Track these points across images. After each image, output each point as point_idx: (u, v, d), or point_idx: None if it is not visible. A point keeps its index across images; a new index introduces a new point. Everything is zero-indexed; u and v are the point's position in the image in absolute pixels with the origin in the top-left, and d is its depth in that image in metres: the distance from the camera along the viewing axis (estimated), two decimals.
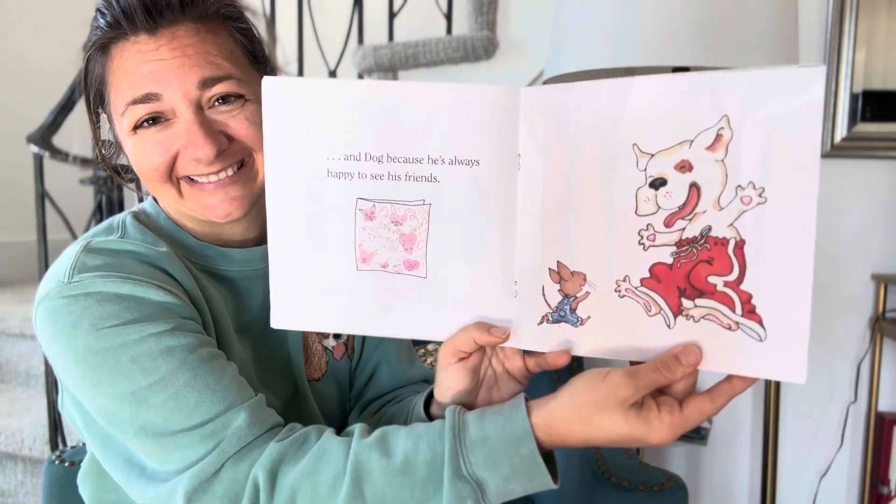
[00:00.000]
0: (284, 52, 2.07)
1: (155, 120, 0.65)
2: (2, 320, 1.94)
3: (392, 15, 1.95)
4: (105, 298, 0.61)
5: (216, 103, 0.66)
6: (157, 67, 0.64)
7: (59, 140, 1.72)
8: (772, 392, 1.56)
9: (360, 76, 1.95)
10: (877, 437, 1.72)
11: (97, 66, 0.68)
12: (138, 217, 0.72)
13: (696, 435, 1.57)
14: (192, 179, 0.67)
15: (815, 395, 1.77)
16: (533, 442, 0.55)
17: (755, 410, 1.81)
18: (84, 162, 1.71)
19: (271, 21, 2.01)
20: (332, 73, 2.00)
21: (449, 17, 1.91)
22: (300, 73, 2.01)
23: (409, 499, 0.56)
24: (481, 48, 1.75)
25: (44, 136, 1.69)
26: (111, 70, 0.66)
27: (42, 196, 1.75)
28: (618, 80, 0.52)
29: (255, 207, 0.72)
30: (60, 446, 1.65)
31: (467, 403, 0.63)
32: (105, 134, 0.73)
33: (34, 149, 1.68)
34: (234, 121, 0.67)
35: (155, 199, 0.75)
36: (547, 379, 1.48)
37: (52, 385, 1.69)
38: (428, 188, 0.57)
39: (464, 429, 0.57)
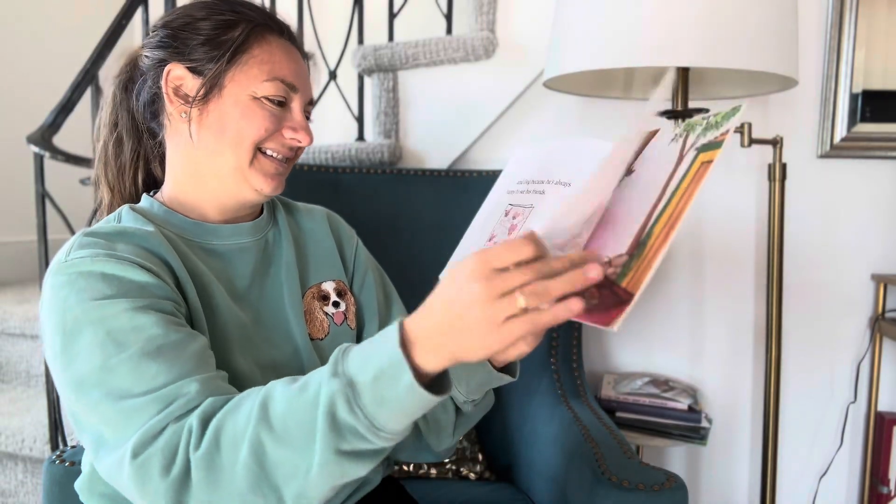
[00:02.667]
0: None
1: (280, 103, 0.83)
2: (2, 320, 1.94)
3: (392, 15, 1.95)
4: (92, 276, 0.71)
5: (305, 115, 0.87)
6: (299, 69, 0.85)
7: (59, 140, 1.72)
8: (771, 392, 1.56)
9: (361, 76, 1.95)
10: (876, 436, 1.72)
11: (243, 34, 0.81)
12: (134, 208, 0.84)
13: (696, 435, 1.57)
14: (264, 152, 0.83)
15: (814, 394, 1.78)
16: (396, 341, 0.57)
17: (755, 410, 1.81)
18: (83, 161, 1.71)
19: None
20: (333, 73, 2.00)
21: (449, 17, 1.91)
22: None
23: (304, 413, 0.60)
24: (481, 48, 1.75)
25: (44, 136, 1.69)
26: (262, 49, 0.82)
27: (42, 196, 1.75)
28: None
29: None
30: (60, 446, 1.65)
31: None
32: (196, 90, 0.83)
33: (34, 149, 1.68)
34: (312, 136, 0.86)
35: (149, 196, 0.87)
36: (547, 377, 1.48)
37: (52, 385, 1.69)
38: (535, 198, 0.76)
39: (347, 347, 0.63)
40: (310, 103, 0.88)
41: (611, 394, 1.64)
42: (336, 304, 0.92)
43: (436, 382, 0.61)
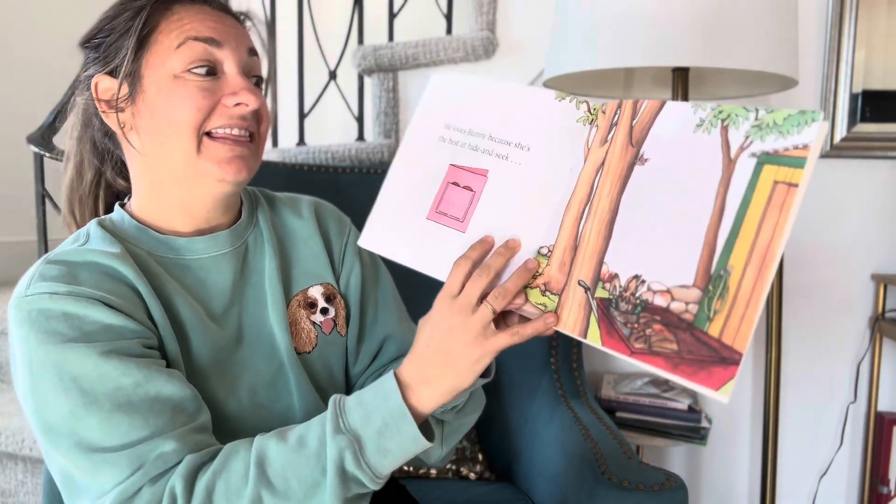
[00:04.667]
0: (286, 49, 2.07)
1: (207, 69, 0.71)
2: (2, 320, 1.94)
3: (392, 15, 1.95)
4: (52, 316, 0.65)
5: (252, 80, 0.75)
6: (220, 26, 0.73)
7: (59, 140, 1.72)
8: (771, 392, 1.56)
9: (361, 76, 1.95)
10: (876, 436, 1.72)
11: (149, 17, 0.72)
12: (103, 223, 0.76)
13: (696, 435, 1.57)
14: (212, 136, 0.72)
15: (814, 394, 1.78)
16: (398, 394, 0.63)
17: (755, 410, 1.81)
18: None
19: (271, 21, 2.01)
20: (333, 74, 2.00)
21: (449, 17, 1.91)
22: (300, 73, 2.01)
23: (305, 470, 0.62)
24: (481, 48, 1.75)
25: (44, 136, 1.69)
26: (170, 19, 0.72)
27: (42, 196, 1.75)
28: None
29: (233, 197, 0.78)
30: None
31: None
32: (105, 94, 0.75)
33: (34, 149, 1.67)
34: (261, 100, 0.75)
35: (121, 206, 0.79)
36: (547, 377, 1.48)
37: None
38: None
39: (343, 400, 0.65)
40: (251, 53, 0.75)
41: (611, 394, 1.64)
42: (324, 311, 0.84)
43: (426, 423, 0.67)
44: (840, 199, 1.72)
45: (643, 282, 0.57)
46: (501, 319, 0.67)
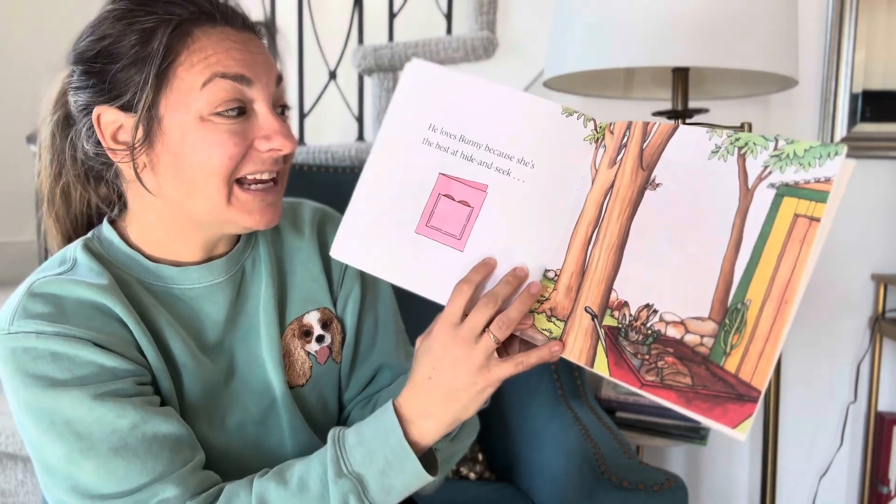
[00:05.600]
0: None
1: (238, 110, 0.64)
2: None
3: (392, 15, 1.95)
4: (39, 356, 0.61)
5: (279, 111, 0.69)
6: (248, 57, 0.65)
7: None
8: (772, 392, 1.56)
9: (361, 76, 1.95)
10: (876, 436, 1.72)
11: (162, 42, 0.62)
12: (90, 247, 0.70)
13: (696, 435, 1.57)
14: (242, 183, 0.66)
15: (814, 395, 1.77)
16: (399, 431, 0.61)
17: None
18: None
19: (271, 21, 2.01)
20: (333, 74, 2.00)
21: (449, 17, 1.91)
22: (300, 73, 2.01)
23: None
24: (481, 48, 1.75)
25: None
26: (190, 47, 0.62)
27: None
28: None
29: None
30: None
31: None
32: (123, 135, 0.66)
33: (34, 149, 1.67)
34: (294, 141, 0.68)
35: (111, 223, 0.72)
36: (547, 377, 1.48)
37: None
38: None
39: (343, 438, 0.63)
40: (279, 81, 0.68)
41: (611, 394, 1.64)
42: (320, 339, 0.79)
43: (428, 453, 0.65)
44: (840, 199, 1.72)
45: (655, 311, 0.56)
46: (503, 345, 0.65)
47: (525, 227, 0.63)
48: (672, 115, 1.33)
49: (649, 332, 0.56)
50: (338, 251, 0.66)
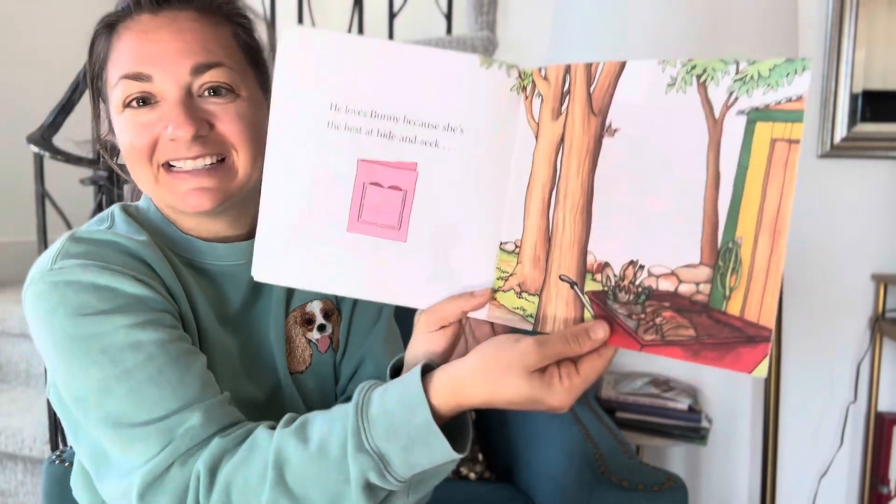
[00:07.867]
0: None
1: (144, 101, 0.67)
2: (2, 320, 1.94)
3: (392, 15, 1.95)
4: (82, 287, 0.63)
5: (207, 93, 0.67)
6: (154, 50, 0.66)
7: (59, 140, 1.72)
8: (772, 392, 1.56)
9: None
10: (876, 436, 1.72)
11: (102, 46, 0.70)
12: (128, 209, 0.74)
13: (696, 435, 1.57)
14: (169, 166, 0.68)
15: (814, 394, 1.78)
16: (427, 409, 0.56)
17: (755, 410, 1.81)
18: (83, 161, 1.71)
19: (271, 21, 2.01)
20: None
21: (449, 17, 1.91)
22: None
23: (327, 480, 0.58)
24: (481, 48, 1.75)
25: (44, 136, 1.68)
26: (114, 49, 0.69)
27: (42, 196, 1.75)
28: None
29: (241, 203, 0.72)
30: (60, 446, 1.65)
31: (438, 365, 0.63)
32: (105, 130, 0.75)
33: (34, 149, 1.67)
34: (222, 113, 0.68)
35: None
36: None
37: None
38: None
39: (367, 404, 0.58)
40: (197, 71, 0.66)
41: (611, 394, 1.64)
42: (322, 328, 0.80)
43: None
44: (840, 199, 1.72)
45: (641, 267, 0.52)
46: (475, 338, 0.63)
47: (468, 201, 0.57)
48: None
49: (640, 289, 0.52)
50: (261, 273, 0.59)
